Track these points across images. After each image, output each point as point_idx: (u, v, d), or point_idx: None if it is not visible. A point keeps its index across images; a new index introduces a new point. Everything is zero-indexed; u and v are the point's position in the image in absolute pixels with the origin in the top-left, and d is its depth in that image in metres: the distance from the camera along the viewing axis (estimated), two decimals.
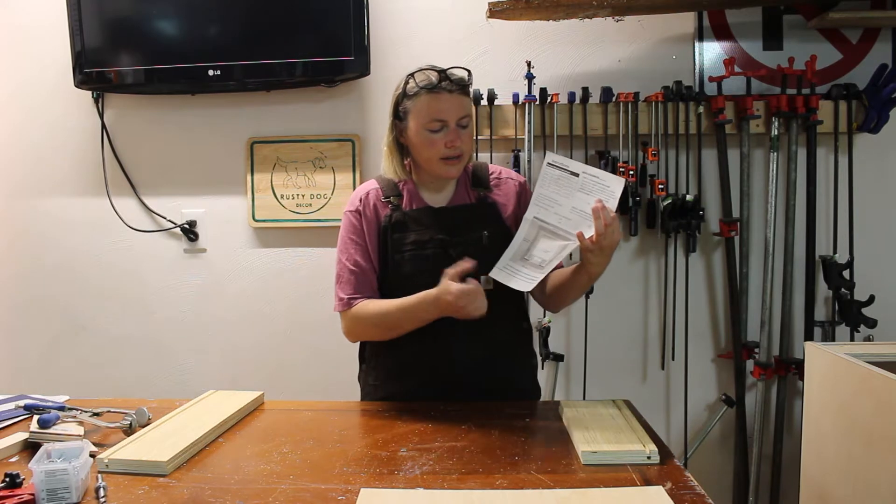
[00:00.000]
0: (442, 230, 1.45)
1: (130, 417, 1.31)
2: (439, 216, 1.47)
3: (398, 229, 1.46)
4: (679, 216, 2.14)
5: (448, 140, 1.40)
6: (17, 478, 1.01)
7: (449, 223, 1.46)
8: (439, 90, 1.39)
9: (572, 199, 1.38)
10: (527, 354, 1.61)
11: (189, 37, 2.19)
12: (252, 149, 2.33)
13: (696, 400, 2.27)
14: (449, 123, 1.40)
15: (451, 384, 1.46)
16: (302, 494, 1.02)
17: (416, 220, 1.47)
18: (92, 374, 2.42)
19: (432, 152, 1.42)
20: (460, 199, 1.51)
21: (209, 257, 2.39)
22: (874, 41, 2.15)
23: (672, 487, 1.02)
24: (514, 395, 1.52)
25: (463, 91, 1.42)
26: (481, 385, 1.47)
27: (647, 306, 2.28)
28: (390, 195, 1.49)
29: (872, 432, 1.39)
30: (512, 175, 1.57)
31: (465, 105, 1.42)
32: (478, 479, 1.07)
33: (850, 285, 2.12)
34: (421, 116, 1.40)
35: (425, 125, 1.40)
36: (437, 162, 1.43)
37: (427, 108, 1.40)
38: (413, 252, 1.44)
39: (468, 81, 1.44)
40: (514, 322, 1.56)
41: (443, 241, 1.44)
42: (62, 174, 2.41)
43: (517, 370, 1.57)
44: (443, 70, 1.41)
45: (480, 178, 1.53)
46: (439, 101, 1.39)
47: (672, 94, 2.13)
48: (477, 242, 1.44)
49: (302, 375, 2.36)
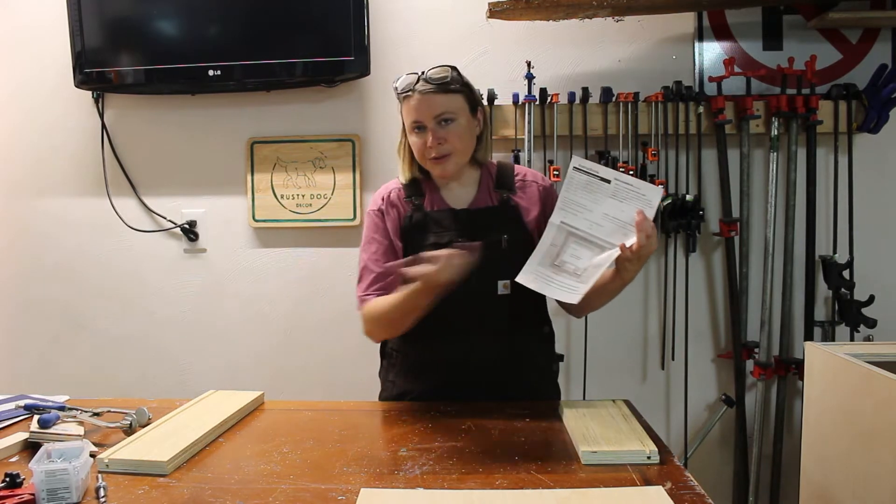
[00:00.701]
0: (461, 233, 1.43)
1: (130, 417, 1.31)
2: (459, 218, 1.46)
3: (418, 230, 1.46)
4: (679, 216, 2.14)
5: (426, 140, 1.41)
6: (18, 478, 1.01)
7: (469, 226, 1.45)
8: (412, 93, 1.40)
9: (604, 206, 1.34)
10: (548, 359, 1.60)
11: (189, 37, 2.19)
12: (252, 149, 2.33)
13: (696, 400, 2.27)
14: (425, 124, 1.40)
15: (469, 385, 1.45)
16: (302, 494, 1.02)
17: (437, 221, 1.46)
18: (92, 374, 2.42)
19: (420, 154, 1.44)
20: (482, 201, 1.50)
21: (209, 257, 2.39)
22: (874, 41, 2.15)
23: (672, 487, 1.02)
24: (532, 397, 1.49)
25: (442, 89, 1.40)
26: (501, 389, 1.46)
27: (647, 306, 2.28)
28: (412, 194, 1.49)
29: (872, 432, 1.39)
30: (538, 178, 1.55)
31: (443, 103, 1.40)
32: (478, 479, 1.07)
33: (849, 285, 2.12)
34: (406, 120, 1.45)
35: (409, 129, 1.44)
36: (427, 162, 1.44)
37: (407, 112, 1.43)
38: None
39: (448, 79, 1.41)
40: (536, 326, 1.54)
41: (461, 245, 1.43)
42: (62, 174, 2.41)
43: (537, 375, 1.55)
44: (421, 72, 1.41)
45: (505, 180, 1.52)
46: (413, 103, 1.41)
47: (672, 94, 2.13)
48: (496, 246, 1.43)
49: (302, 375, 2.36)
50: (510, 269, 1.37)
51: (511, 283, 1.38)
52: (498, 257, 1.40)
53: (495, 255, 1.40)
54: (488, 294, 1.42)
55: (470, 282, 1.29)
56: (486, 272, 1.37)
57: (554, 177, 2.11)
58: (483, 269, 1.35)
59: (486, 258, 1.35)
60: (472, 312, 1.41)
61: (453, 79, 1.42)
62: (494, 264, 1.40)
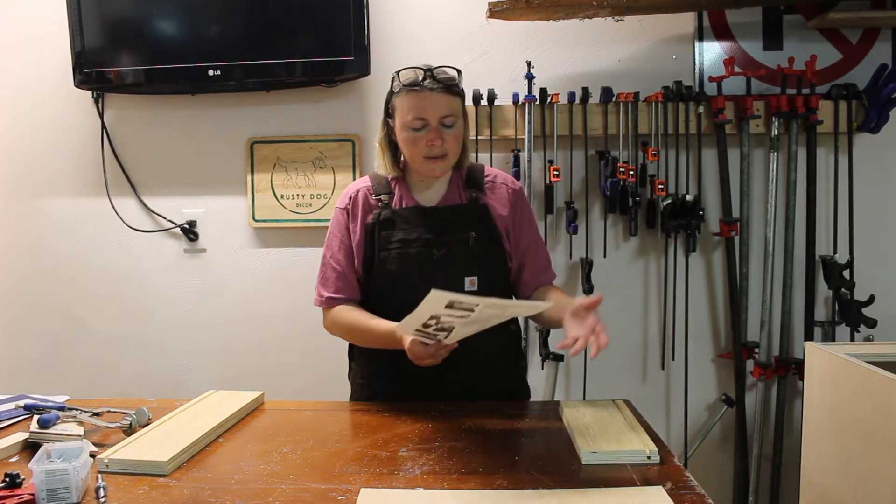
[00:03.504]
0: (429, 230, 1.45)
1: (130, 417, 1.31)
2: (427, 216, 1.47)
3: (386, 227, 1.46)
4: (679, 216, 2.14)
5: (429, 139, 1.40)
6: (17, 478, 1.01)
7: (437, 223, 1.46)
8: (421, 88, 1.39)
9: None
10: (515, 356, 1.61)
11: (189, 37, 2.19)
12: (252, 149, 2.33)
13: (696, 400, 2.27)
14: (430, 122, 1.39)
15: (437, 382, 1.43)
16: (302, 494, 1.02)
17: (405, 218, 1.47)
18: (92, 374, 2.41)
19: (415, 151, 1.42)
20: (451, 200, 1.50)
21: (209, 257, 2.39)
22: (874, 41, 2.15)
23: (672, 487, 1.02)
24: (500, 395, 1.52)
25: (448, 90, 1.40)
26: (470, 386, 1.47)
27: (647, 306, 2.28)
28: (381, 192, 1.50)
29: (872, 432, 1.39)
30: (508, 181, 1.56)
31: (449, 105, 1.40)
32: (478, 479, 1.07)
33: (850, 285, 2.12)
34: (403, 114, 1.41)
35: (408, 123, 1.40)
36: (420, 160, 1.43)
37: (409, 107, 1.40)
38: (399, 250, 1.45)
39: (456, 81, 1.42)
40: (502, 325, 1.52)
41: (428, 241, 1.44)
42: (62, 174, 2.41)
43: (503, 371, 1.57)
44: (430, 68, 1.40)
45: (475, 180, 1.52)
46: (420, 99, 1.39)
47: (672, 94, 2.13)
48: (464, 243, 1.44)
49: (302, 375, 2.36)
50: (477, 266, 1.43)
51: (477, 279, 1.43)
52: (466, 254, 1.42)
53: (463, 252, 1.42)
54: (455, 290, 1.41)
55: (437, 278, 1.32)
56: (454, 269, 1.43)
57: (554, 177, 2.11)
58: (450, 266, 1.42)
59: (454, 255, 1.39)
60: None
61: (458, 82, 1.43)
62: (462, 261, 1.43)
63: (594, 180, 2.22)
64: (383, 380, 1.52)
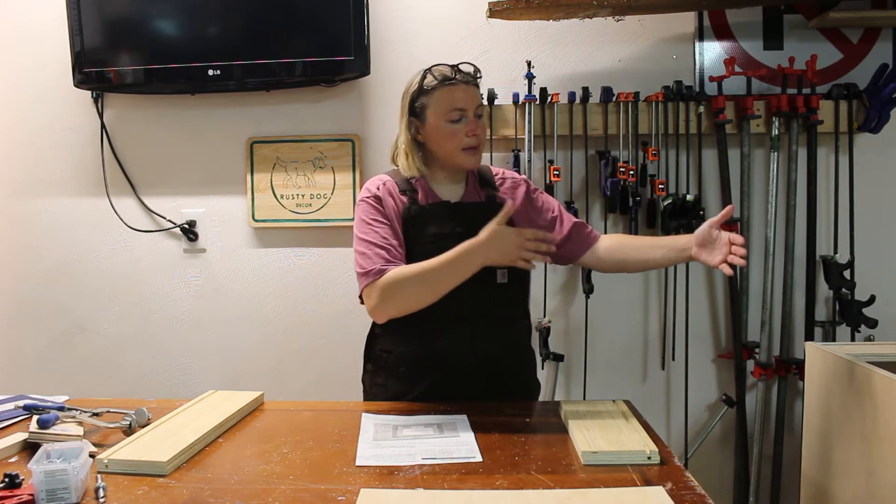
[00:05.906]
0: (460, 224, 1.46)
1: (130, 417, 1.30)
2: (455, 211, 1.50)
3: (416, 223, 1.48)
4: (679, 216, 2.13)
5: (469, 129, 1.45)
6: (17, 478, 1.01)
7: (465, 218, 1.47)
8: (456, 82, 1.45)
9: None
10: (528, 349, 1.64)
11: (189, 37, 2.19)
12: (252, 149, 2.33)
13: (696, 400, 2.27)
14: (468, 113, 1.45)
15: (469, 378, 1.47)
16: (302, 494, 1.02)
17: (435, 213, 1.49)
18: (92, 374, 2.41)
19: (454, 143, 1.46)
20: (471, 197, 1.55)
21: (209, 257, 2.39)
22: (875, 41, 2.15)
23: (672, 488, 1.02)
24: (517, 387, 1.56)
25: (475, 83, 1.49)
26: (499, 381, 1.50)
27: (647, 306, 2.28)
28: (406, 189, 1.51)
29: (873, 432, 1.39)
30: (514, 175, 1.63)
31: (477, 96, 1.49)
32: (478, 479, 1.07)
33: (850, 285, 2.11)
34: (441, 108, 1.45)
35: (446, 116, 1.45)
36: (458, 153, 1.47)
37: (447, 100, 1.45)
38: (436, 245, 1.41)
39: (478, 75, 1.51)
40: (525, 317, 1.61)
41: (462, 235, 1.42)
42: (62, 174, 2.40)
43: (520, 365, 1.60)
44: (454, 64, 1.47)
45: (487, 179, 1.58)
46: (458, 91, 1.45)
47: (672, 94, 2.13)
48: None
49: (302, 375, 2.36)
50: None
51: (508, 271, 1.46)
52: None
53: None
54: (488, 282, 1.45)
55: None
56: None
57: (554, 177, 2.11)
58: None
59: None
60: (473, 301, 1.43)
61: (479, 76, 1.52)
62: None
63: (594, 180, 2.21)
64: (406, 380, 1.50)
